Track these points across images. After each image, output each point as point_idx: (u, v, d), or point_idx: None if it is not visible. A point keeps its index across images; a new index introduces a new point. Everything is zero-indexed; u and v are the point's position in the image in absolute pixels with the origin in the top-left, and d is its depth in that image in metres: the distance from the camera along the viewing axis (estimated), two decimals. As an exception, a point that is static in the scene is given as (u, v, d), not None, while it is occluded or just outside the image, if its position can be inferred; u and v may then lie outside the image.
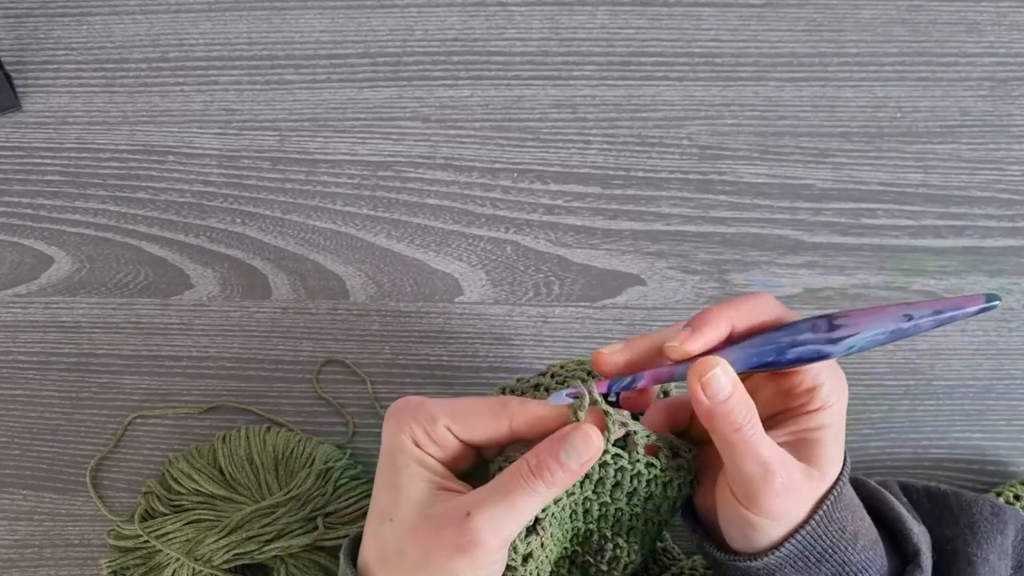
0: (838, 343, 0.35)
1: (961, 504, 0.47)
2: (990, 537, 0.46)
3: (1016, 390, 0.59)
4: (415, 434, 0.36)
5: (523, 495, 0.35)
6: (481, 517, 0.34)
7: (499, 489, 0.35)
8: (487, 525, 0.34)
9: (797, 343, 0.35)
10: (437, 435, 0.36)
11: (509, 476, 0.35)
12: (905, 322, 0.35)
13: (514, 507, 0.34)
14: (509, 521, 0.35)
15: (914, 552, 0.41)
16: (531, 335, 0.60)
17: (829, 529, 0.37)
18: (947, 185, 0.61)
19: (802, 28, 0.64)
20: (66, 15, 0.65)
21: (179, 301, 0.61)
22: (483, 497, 0.35)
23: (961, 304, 0.34)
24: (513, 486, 0.35)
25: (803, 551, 0.37)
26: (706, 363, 0.35)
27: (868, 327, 0.35)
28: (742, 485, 0.36)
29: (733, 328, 0.36)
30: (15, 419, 0.60)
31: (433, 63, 0.64)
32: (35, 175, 0.63)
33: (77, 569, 0.57)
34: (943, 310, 0.34)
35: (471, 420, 0.36)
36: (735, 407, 0.35)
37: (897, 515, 0.42)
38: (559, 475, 0.35)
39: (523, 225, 0.62)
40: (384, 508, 0.36)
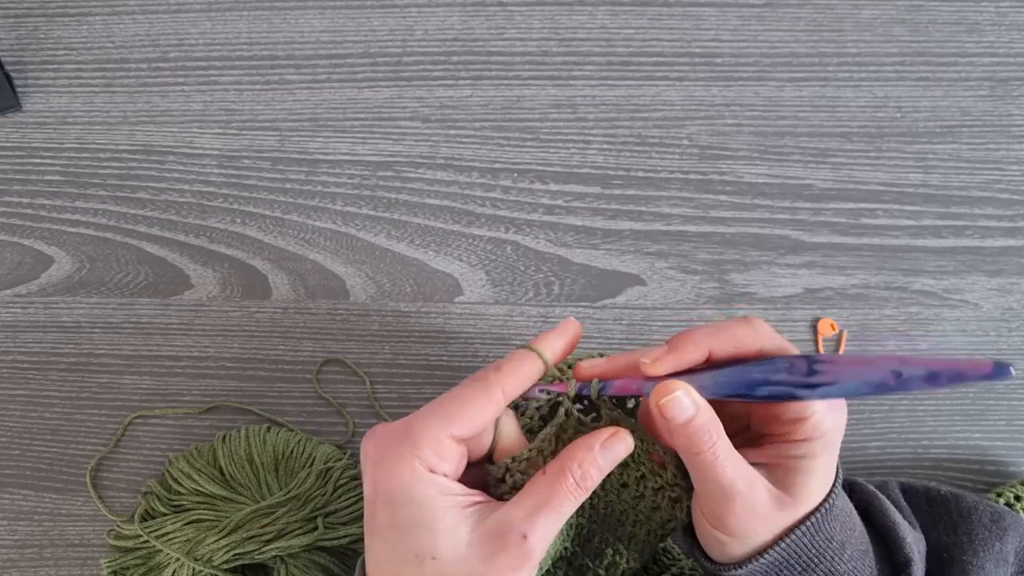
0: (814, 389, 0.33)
1: (960, 510, 0.47)
2: (988, 544, 0.46)
3: (1016, 390, 0.59)
4: (427, 460, 0.35)
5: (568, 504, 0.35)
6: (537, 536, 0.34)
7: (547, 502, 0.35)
8: (541, 540, 0.35)
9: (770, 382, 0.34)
10: (445, 450, 0.35)
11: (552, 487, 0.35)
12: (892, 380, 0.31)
13: (562, 517, 0.35)
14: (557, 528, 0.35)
15: (905, 562, 0.41)
16: (531, 335, 0.60)
17: (816, 538, 0.37)
18: (947, 185, 0.61)
19: (802, 28, 0.64)
20: (66, 15, 0.65)
21: (179, 301, 0.61)
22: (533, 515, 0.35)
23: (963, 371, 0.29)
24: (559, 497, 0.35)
25: (788, 559, 0.37)
26: (667, 386, 0.35)
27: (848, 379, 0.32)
28: (706, 503, 0.37)
29: (712, 353, 0.36)
30: (15, 419, 0.60)
31: (433, 63, 0.64)
32: (35, 175, 0.63)
33: (77, 569, 0.57)
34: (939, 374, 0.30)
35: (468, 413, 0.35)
36: (695, 431, 0.35)
37: (891, 523, 0.42)
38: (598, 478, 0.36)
39: (523, 225, 0.62)
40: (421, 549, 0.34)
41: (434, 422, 0.35)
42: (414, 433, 0.35)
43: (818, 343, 0.59)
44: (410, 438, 0.35)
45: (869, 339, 0.59)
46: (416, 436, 0.34)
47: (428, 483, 0.34)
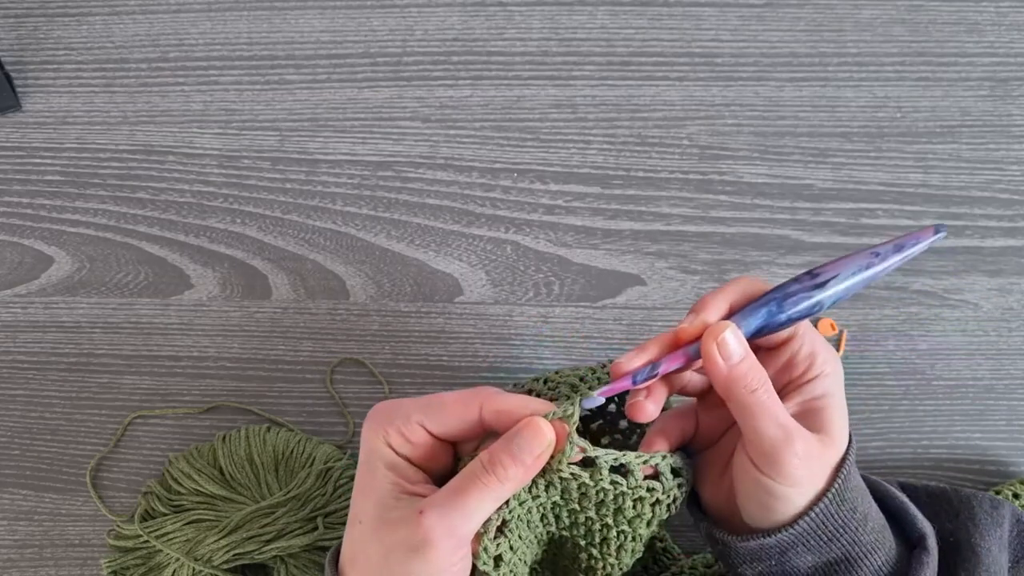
0: (824, 286, 0.37)
1: (960, 499, 0.48)
2: (991, 529, 0.46)
3: (1016, 390, 0.59)
4: (389, 437, 0.36)
5: (476, 492, 0.34)
6: (433, 515, 0.34)
7: (453, 487, 0.35)
8: (439, 523, 0.34)
9: (789, 295, 0.37)
10: (411, 433, 0.36)
11: (463, 474, 0.35)
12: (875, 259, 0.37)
13: (467, 504, 0.34)
14: (463, 519, 0.34)
15: (920, 536, 0.41)
16: (531, 335, 0.60)
17: (841, 508, 0.37)
18: (947, 185, 0.61)
19: (802, 28, 0.64)
20: (66, 15, 0.65)
21: (179, 301, 0.61)
22: (437, 495, 0.34)
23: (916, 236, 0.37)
24: (467, 483, 0.34)
25: (816, 528, 0.37)
26: (718, 327, 0.36)
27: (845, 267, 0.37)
28: (763, 452, 0.36)
29: (732, 305, 0.38)
30: (15, 419, 0.60)
31: (433, 63, 0.64)
32: (35, 175, 0.63)
33: (77, 569, 0.57)
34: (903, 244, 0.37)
35: (443, 413, 0.36)
36: (749, 370, 0.36)
37: (901, 503, 0.42)
38: (511, 469, 0.34)
39: (523, 225, 0.62)
40: (355, 511, 0.36)
41: (412, 408, 0.36)
42: (394, 411, 0.37)
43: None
44: (388, 414, 0.37)
45: (869, 339, 0.59)
46: (394, 414, 0.37)
47: (382, 456, 0.36)
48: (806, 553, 0.38)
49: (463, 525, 0.34)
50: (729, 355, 0.36)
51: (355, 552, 0.36)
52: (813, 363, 0.38)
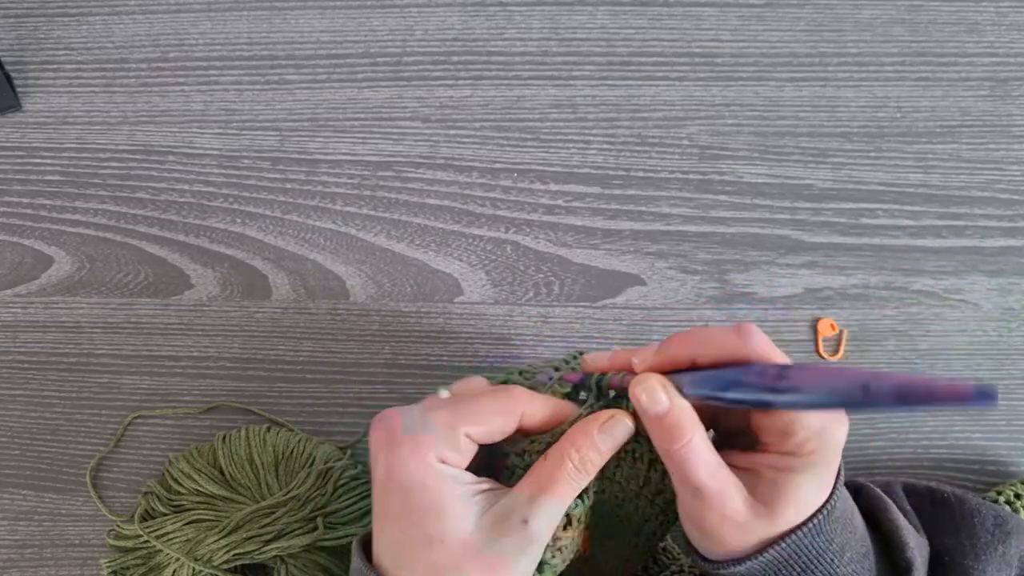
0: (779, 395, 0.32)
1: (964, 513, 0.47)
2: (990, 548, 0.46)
3: (1016, 390, 0.59)
4: (441, 453, 0.36)
5: (570, 488, 0.36)
6: (539, 520, 0.35)
7: (547, 488, 0.36)
8: (547, 525, 0.35)
9: (739, 384, 0.34)
10: (460, 446, 0.36)
11: (553, 472, 0.36)
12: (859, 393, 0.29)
13: (563, 501, 0.36)
14: (559, 512, 0.36)
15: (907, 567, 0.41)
16: (531, 335, 0.60)
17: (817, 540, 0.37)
18: (947, 185, 0.61)
19: (802, 28, 0.64)
20: (66, 15, 0.65)
21: (179, 301, 0.61)
22: (534, 500, 0.35)
23: (936, 392, 0.27)
24: (561, 482, 0.36)
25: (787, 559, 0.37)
26: (644, 378, 0.36)
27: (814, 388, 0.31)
28: (681, 502, 0.37)
29: (696, 358, 0.37)
30: (15, 419, 0.60)
31: (433, 63, 0.64)
32: (35, 175, 0.63)
33: (77, 569, 0.57)
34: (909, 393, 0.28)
35: (487, 422, 0.36)
36: (669, 426, 0.35)
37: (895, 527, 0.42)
38: (598, 462, 0.36)
39: (523, 225, 0.62)
40: (430, 533, 0.35)
41: (456, 420, 0.36)
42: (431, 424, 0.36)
43: (818, 343, 0.59)
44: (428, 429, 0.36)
45: (869, 339, 0.59)
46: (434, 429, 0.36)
47: (439, 472, 0.35)
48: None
49: (559, 518, 0.36)
50: (647, 405, 0.35)
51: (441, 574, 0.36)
52: (786, 441, 0.35)
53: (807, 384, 0.32)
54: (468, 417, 0.36)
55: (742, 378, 0.34)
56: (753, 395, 0.33)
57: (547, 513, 0.35)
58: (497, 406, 0.37)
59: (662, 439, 0.36)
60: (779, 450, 0.36)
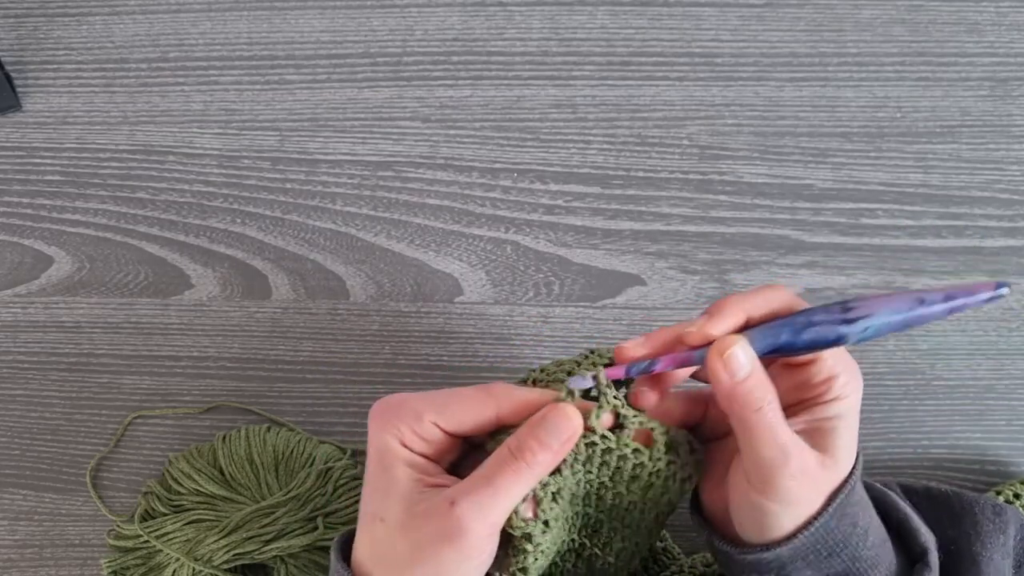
0: (853, 324, 0.34)
1: (963, 504, 0.47)
2: (993, 536, 0.46)
3: (1016, 390, 0.59)
4: (401, 434, 0.36)
5: (506, 478, 0.35)
6: (465, 504, 0.34)
7: (483, 475, 0.35)
8: (472, 511, 0.34)
9: (812, 323, 0.35)
10: (424, 431, 0.36)
11: (492, 461, 0.35)
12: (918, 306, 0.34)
13: (497, 491, 0.34)
14: (494, 506, 0.35)
15: (922, 551, 0.40)
16: (531, 335, 0.60)
17: (842, 523, 0.37)
18: (947, 185, 0.61)
19: (802, 28, 0.64)
20: (66, 15, 0.65)
21: (179, 301, 0.61)
22: (467, 485, 0.35)
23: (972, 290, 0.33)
24: (496, 470, 0.35)
25: (815, 544, 0.37)
26: (727, 340, 0.35)
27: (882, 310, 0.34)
28: (758, 470, 0.36)
29: (749, 317, 0.36)
30: (15, 419, 0.60)
31: (433, 63, 0.64)
32: (35, 175, 0.63)
33: (77, 569, 0.57)
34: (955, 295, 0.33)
35: (457, 411, 0.36)
36: (754, 387, 0.35)
37: (904, 516, 0.42)
38: (540, 455, 0.35)
39: (523, 225, 0.62)
40: (375, 509, 0.36)
41: (424, 405, 0.36)
42: (403, 408, 0.37)
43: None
44: (397, 411, 0.37)
45: (869, 339, 0.59)
46: (403, 411, 0.36)
47: (397, 453, 0.36)
48: (805, 568, 0.37)
49: (495, 511, 0.35)
50: (734, 371, 0.34)
51: (380, 551, 0.36)
52: (831, 386, 0.37)
53: (875, 308, 0.34)
54: (437, 406, 0.36)
55: (814, 319, 0.34)
56: (828, 331, 0.34)
57: (476, 500, 0.34)
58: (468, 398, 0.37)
59: (744, 403, 0.35)
60: (825, 399, 0.36)
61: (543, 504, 0.37)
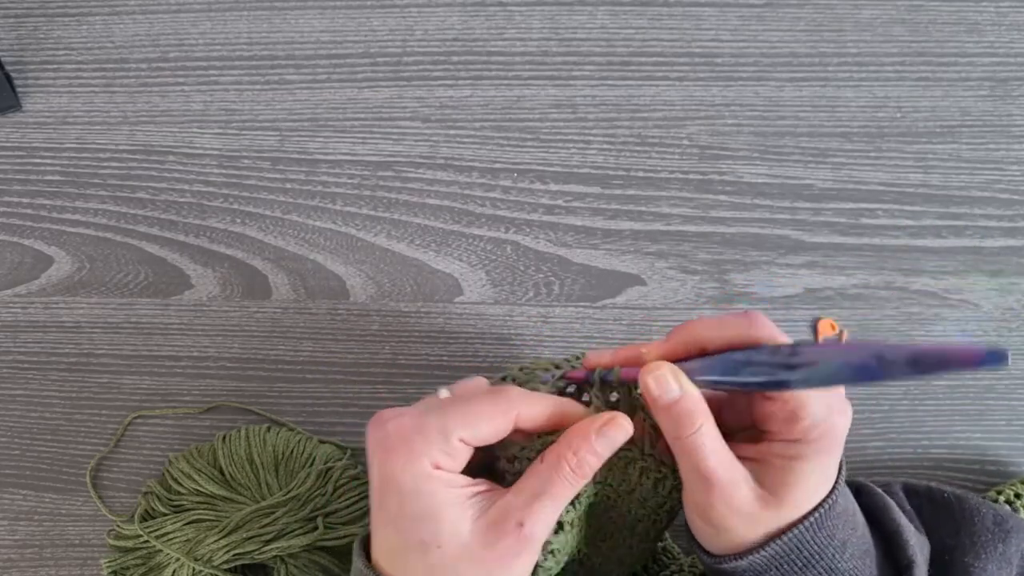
0: (794, 371, 0.32)
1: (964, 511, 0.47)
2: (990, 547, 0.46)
3: (1016, 390, 0.59)
4: (434, 459, 0.35)
5: (566, 491, 0.36)
6: (534, 523, 0.35)
7: (544, 490, 0.36)
8: (541, 527, 0.35)
9: (752, 363, 0.34)
10: (453, 450, 0.36)
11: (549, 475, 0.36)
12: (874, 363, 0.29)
13: (559, 504, 0.36)
14: (555, 515, 0.36)
15: (908, 564, 0.41)
16: (531, 335, 0.60)
17: (817, 536, 0.37)
18: (947, 185, 0.61)
19: (802, 28, 0.64)
20: (66, 15, 0.65)
21: (179, 301, 0.61)
22: (530, 503, 0.35)
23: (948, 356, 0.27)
24: (557, 484, 0.36)
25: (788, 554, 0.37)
26: (655, 366, 0.36)
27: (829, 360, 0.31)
28: (689, 492, 0.37)
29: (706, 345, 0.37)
30: (15, 419, 0.60)
31: (433, 63, 0.64)
32: (35, 175, 0.63)
33: (77, 569, 0.57)
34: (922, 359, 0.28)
35: (483, 426, 0.36)
36: (679, 414, 0.35)
37: (896, 526, 0.42)
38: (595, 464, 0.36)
39: (523, 225, 0.62)
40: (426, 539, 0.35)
41: (449, 424, 0.36)
42: (426, 430, 0.36)
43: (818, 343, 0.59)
44: (422, 435, 0.35)
45: (869, 339, 0.59)
46: (427, 434, 0.35)
47: (433, 478, 0.35)
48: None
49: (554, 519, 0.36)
50: (659, 393, 0.36)
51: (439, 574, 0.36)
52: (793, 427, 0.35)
53: (822, 358, 0.31)
54: (461, 421, 0.36)
55: (755, 358, 0.34)
56: (767, 375, 0.33)
57: (543, 515, 0.35)
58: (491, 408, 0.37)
59: (672, 427, 0.36)
60: (785, 438, 0.36)
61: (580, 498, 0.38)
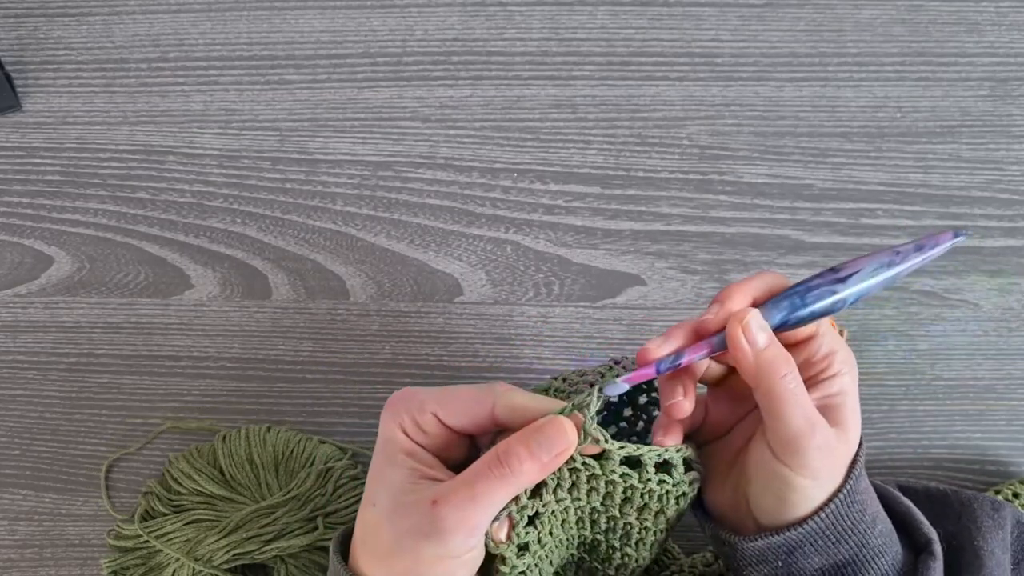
0: (846, 281, 0.36)
1: (961, 501, 0.48)
2: (993, 531, 0.46)
3: (1016, 390, 0.59)
4: (404, 424, 0.37)
5: (488, 483, 0.35)
6: (446, 505, 0.34)
7: (466, 478, 0.35)
8: (451, 512, 0.34)
9: (811, 288, 0.37)
10: (425, 423, 0.37)
11: (478, 464, 0.35)
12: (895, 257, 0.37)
13: (479, 496, 0.34)
14: (475, 510, 0.35)
15: (926, 541, 0.41)
16: (531, 335, 0.60)
17: (852, 509, 0.37)
18: (947, 185, 0.61)
19: (802, 28, 0.64)
20: (66, 15, 0.65)
21: (179, 301, 0.61)
22: (450, 485, 0.35)
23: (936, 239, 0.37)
24: (480, 475, 0.35)
25: (825, 528, 0.37)
26: (742, 312, 0.36)
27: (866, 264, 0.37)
28: (787, 441, 0.36)
29: (754, 298, 0.38)
30: (15, 419, 0.60)
31: (433, 63, 0.64)
32: (35, 175, 0.63)
33: (77, 569, 0.57)
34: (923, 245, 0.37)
35: (458, 406, 0.37)
36: (775, 357, 0.36)
37: (906, 508, 0.42)
38: (527, 464, 0.35)
39: (523, 225, 0.62)
40: (370, 495, 0.37)
41: (427, 398, 0.37)
42: (410, 400, 0.37)
43: None
44: (405, 402, 0.37)
45: (869, 339, 0.59)
46: (410, 402, 0.37)
47: (397, 442, 0.37)
48: (813, 554, 0.38)
49: (475, 515, 0.35)
50: (755, 341, 0.36)
51: (366, 534, 0.37)
52: (832, 361, 0.38)
53: (861, 266, 0.37)
54: (438, 399, 0.37)
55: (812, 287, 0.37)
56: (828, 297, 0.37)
57: (456, 503, 0.34)
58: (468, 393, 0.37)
59: (771, 373, 0.36)
60: (828, 375, 0.38)
61: (518, 528, 0.36)
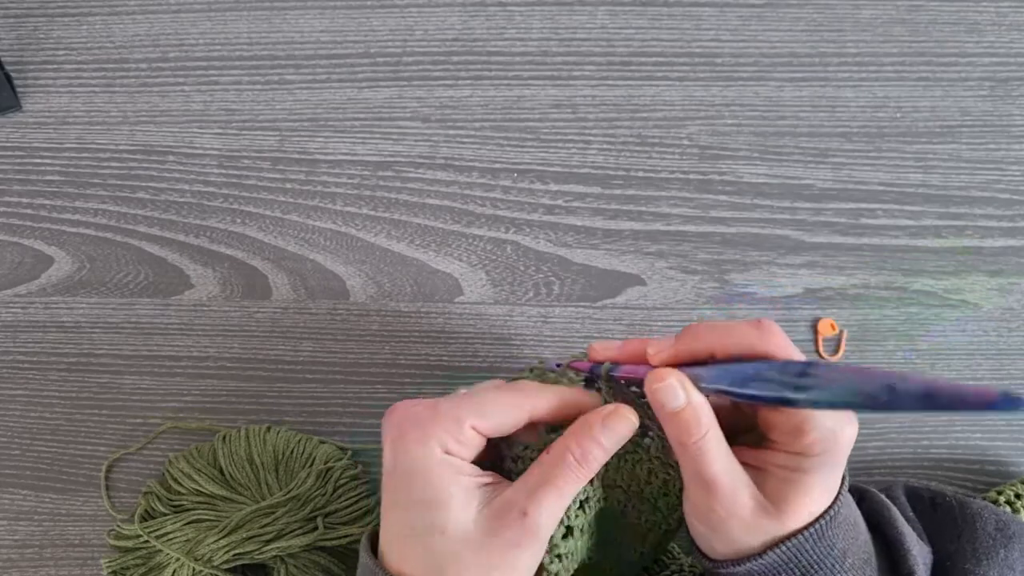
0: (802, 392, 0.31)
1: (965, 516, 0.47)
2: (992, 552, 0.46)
3: (1016, 390, 0.59)
4: (445, 444, 0.36)
5: (571, 483, 0.36)
6: (538, 513, 0.35)
7: (547, 480, 0.36)
8: (544, 517, 0.35)
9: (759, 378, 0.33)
10: (465, 437, 0.36)
11: (554, 465, 0.36)
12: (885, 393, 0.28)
13: (563, 495, 0.36)
14: (562, 506, 0.36)
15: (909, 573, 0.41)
16: (531, 335, 0.60)
17: (817, 545, 0.37)
18: (947, 185, 0.61)
19: (802, 28, 0.64)
20: (66, 15, 0.65)
21: (179, 301, 0.61)
22: (534, 493, 0.35)
23: (964, 396, 0.26)
24: (561, 475, 0.36)
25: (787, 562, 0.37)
26: (660, 373, 0.36)
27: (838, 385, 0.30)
28: (691, 497, 0.37)
29: (715, 351, 0.36)
30: (15, 419, 0.60)
31: (433, 63, 0.64)
32: (35, 175, 0.63)
33: (77, 569, 0.57)
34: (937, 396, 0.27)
35: (496, 414, 0.37)
36: (685, 421, 0.35)
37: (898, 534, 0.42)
38: (598, 452, 0.36)
39: (523, 225, 0.62)
40: (430, 524, 0.36)
41: (463, 412, 0.36)
42: (441, 417, 0.36)
43: (818, 343, 0.59)
44: (435, 420, 0.36)
45: (869, 339, 0.59)
46: (443, 420, 0.36)
47: (443, 463, 0.36)
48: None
49: (560, 512, 0.36)
50: (663, 402, 0.35)
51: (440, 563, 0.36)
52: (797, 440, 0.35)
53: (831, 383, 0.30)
54: (474, 409, 0.36)
55: (764, 373, 0.33)
56: (774, 392, 0.32)
57: (547, 506, 0.35)
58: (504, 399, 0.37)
59: (677, 433, 0.36)
60: (789, 449, 0.36)
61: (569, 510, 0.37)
